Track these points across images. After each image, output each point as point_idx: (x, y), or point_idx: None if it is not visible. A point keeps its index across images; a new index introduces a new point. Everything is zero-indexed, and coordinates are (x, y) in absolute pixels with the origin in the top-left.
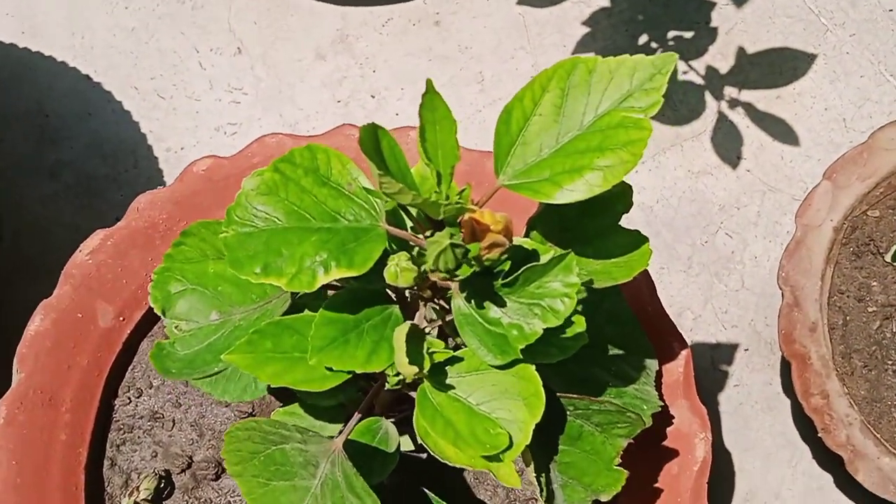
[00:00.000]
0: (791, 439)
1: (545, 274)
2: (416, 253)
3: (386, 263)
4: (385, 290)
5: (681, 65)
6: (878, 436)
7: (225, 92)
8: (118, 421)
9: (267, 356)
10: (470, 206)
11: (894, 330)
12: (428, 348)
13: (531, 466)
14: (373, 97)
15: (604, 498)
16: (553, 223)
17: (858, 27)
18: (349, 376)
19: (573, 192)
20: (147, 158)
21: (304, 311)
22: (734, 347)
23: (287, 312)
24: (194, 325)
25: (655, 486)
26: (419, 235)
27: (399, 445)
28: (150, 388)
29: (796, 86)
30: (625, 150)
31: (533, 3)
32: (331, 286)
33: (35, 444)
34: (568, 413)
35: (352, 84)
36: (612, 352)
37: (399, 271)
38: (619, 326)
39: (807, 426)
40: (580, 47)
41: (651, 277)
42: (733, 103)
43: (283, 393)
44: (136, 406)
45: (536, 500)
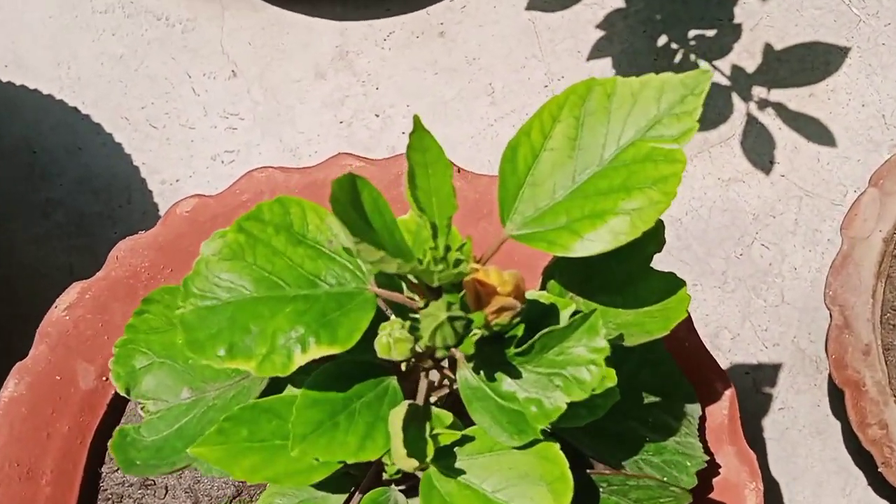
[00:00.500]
0: (843, 465)
1: (566, 338)
2: (412, 319)
3: (377, 332)
4: (379, 359)
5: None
6: None
7: (220, 118)
8: (105, 490)
9: (242, 447)
10: (472, 266)
11: None
12: (431, 430)
13: None
14: (377, 116)
15: None
16: (574, 270)
17: (894, 16)
18: (340, 466)
19: (595, 241)
20: (141, 192)
21: (288, 387)
22: (777, 367)
23: (268, 388)
24: (163, 404)
25: None
26: (416, 297)
27: None
28: None
29: (830, 82)
30: (655, 188)
31: (543, 8)
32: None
33: None
34: (601, 490)
35: (354, 103)
36: (648, 399)
37: (392, 343)
38: (654, 369)
39: (860, 451)
40: (596, 52)
41: None
42: (763, 104)
43: None
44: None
45: None
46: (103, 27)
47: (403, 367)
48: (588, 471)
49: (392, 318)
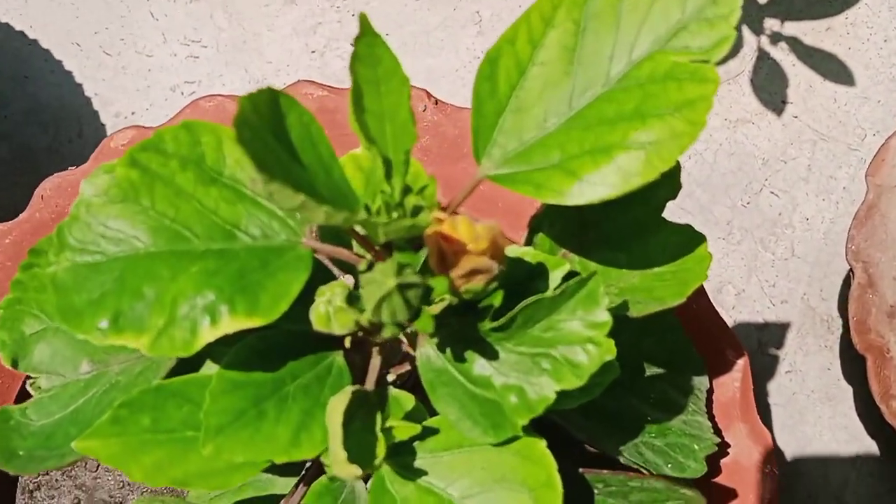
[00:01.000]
0: (855, 434)
1: (557, 309)
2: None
3: (313, 297)
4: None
5: None
6: None
7: (181, 45)
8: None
9: (143, 440)
10: (435, 216)
11: None
12: (384, 421)
13: None
14: (353, 45)
15: None
16: (568, 221)
17: None
18: (268, 465)
19: (597, 185)
20: (93, 126)
21: (206, 364)
22: (785, 327)
23: (180, 365)
24: (58, 380)
25: None
26: (367, 255)
27: None
28: None
29: (849, 14)
30: (678, 115)
31: None
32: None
33: None
34: (596, 492)
35: (328, 31)
36: (650, 371)
37: (332, 313)
38: (658, 336)
39: (873, 419)
40: None
41: None
42: (775, 38)
43: None
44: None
45: None
46: None
47: (348, 341)
48: (581, 470)
49: (341, 279)
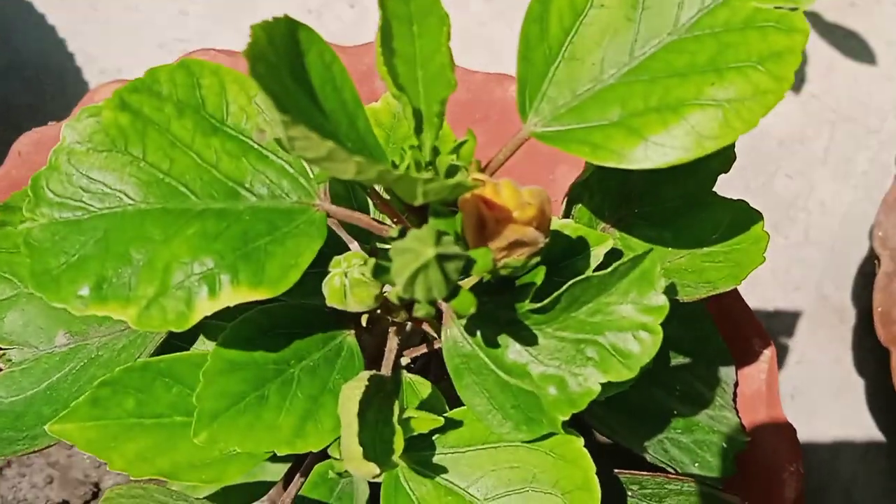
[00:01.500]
0: (866, 429)
1: (607, 290)
2: (381, 252)
3: (327, 268)
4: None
5: None
6: None
7: (170, 1)
8: None
9: (126, 425)
10: (475, 177)
11: None
12: (402, 411)
13: None
14: (352, 6)
15: None
16: (609, 190)
17: None
18: (267, 457)
19: (665, 147)
20: (77, 83)
21: (199, 339)
22: (796, 316)
23: (170, 340)
24: (30, 352)
25: None
26: (388, 222)
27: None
28: None
29: None
30: (762, 69)
31: None
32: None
33: None
34: (629, 495)
35: None
36: (675, 360)
37: (349, 287)
38: (684, 323)
39: (885, 413)
40: None
41: None
42: None
43: None
44: None
45: None
46: None
47: (365, 319)
48: (616, 471)
49: (352, 249)
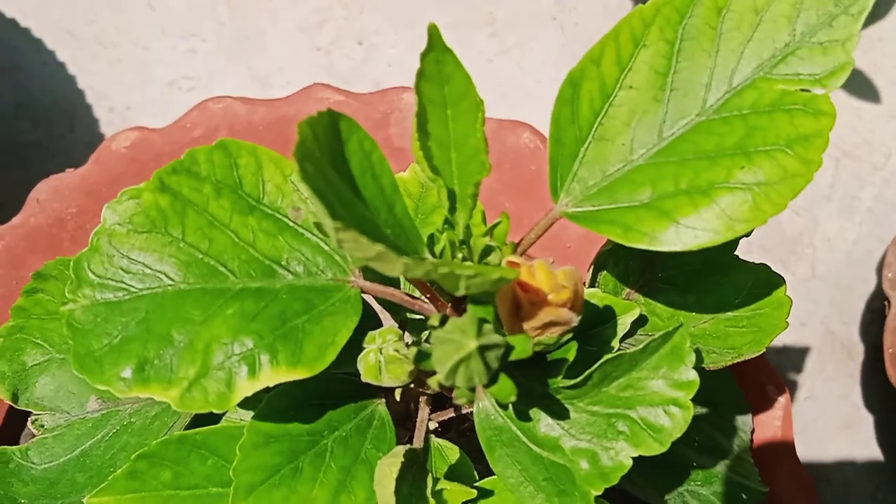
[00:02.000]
0: (875, 465)
1: (638, 365)
2: (411, 322)
3: (360, 340)
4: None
5: None
6: None
7: (180, 39)
8: None
9: (162, 497)
10: (510, 260)
11: None
12: (435, 483)
13: None
14: (360, 44)
15: None
16: (634, 255)
17: None
18: None
19: (696, 230)
20: (86, 121)
21: (234, 408)
22: (804, 351)
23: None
24: (62, 418)
25: None
26: (421, 297)
27: None
28: None
29: (878, 28)
30: (790, 152)
31: None
32: None
33: None
34: None
35: (335, 28)
36: (694, 411)
37: (384, 364)
38: (703, 372)
39: (894, 449)
40: None
41: None
42: None
43: None
44: None
45: None
46: None
47: (398, 393)
48: None
49: (385, 325)
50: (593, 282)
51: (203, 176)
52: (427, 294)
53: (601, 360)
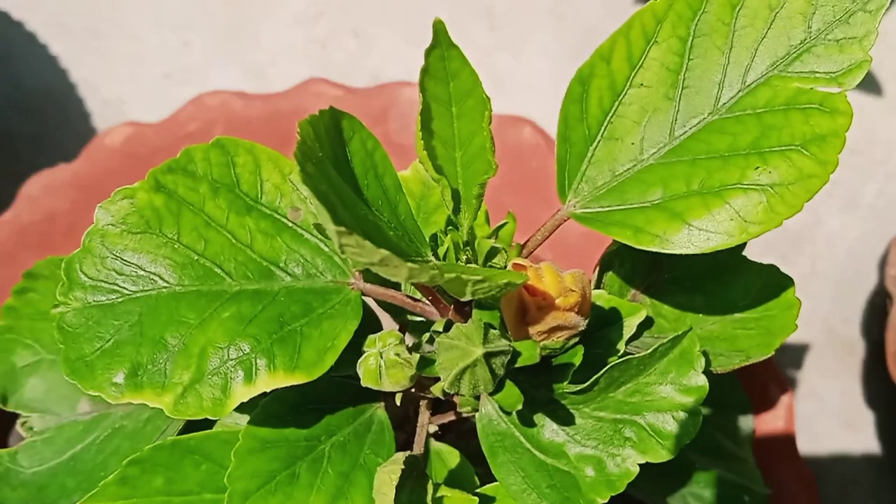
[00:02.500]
0: (875, 463)
1: (646, 370)
2: (411, 323)
3: (359, 344)
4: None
5: None
6: None
7: (173, 31)
8: None
9: (154, 503)
10: (516, 263)
11: None
12: (435, 490)
13: None
14: (356, 36)
15: None
16: (640, 256)
17: None
18: None
19: (708, 233)
20: (79, 113)
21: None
22: (803, 349)
23: None
24: (52, 420)
25: None
26: (422, 299)
27: None
28: None
29: (881, 22)
30: (805, 152)
31: None
32: None
33: None
34: None
35: (330, 20)
36: None
37: (384, 368)
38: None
39: (895, 447)
40: None
41: None
42: None
43: None
44: None
45: None
46: None
47: (399, 398)
48: None
49: (385, 326)
50: (599, 283)
51: (199, 175)
52: (429, 296)
53: (608, 365)
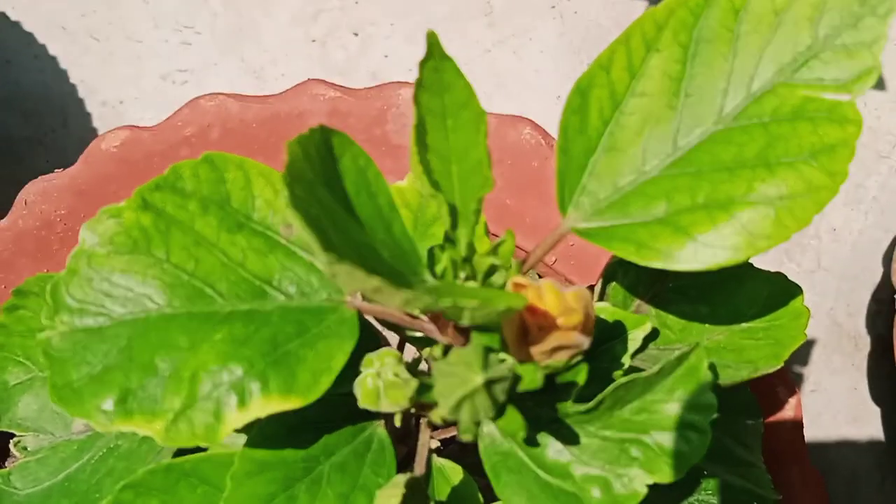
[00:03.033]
0: (882, 458)
1: (653, 388)
2: (411, 338)
3: (357, 362)
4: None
5: None
6: None
7: (173, 31)
8: None
9: None
10: (516, 282)
11: None
12: None
13: None
14: (356, 35)
15: None
16: (644, 268)
17: None
18: None
19: (714, 248)
20: (78, 115)
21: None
22: (810, 344)
23: None
24: (47, 440)
25: None
26: (420, 316)
27: None
28: None
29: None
30: (814, 163)
31: None
32: None
33: None
34: None
35: (330, 19)
36: None
37: (383, 389)
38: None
39: None
40: None
41: None
42: None
43: None
44: None
45: None
46: None
47: (398, 419)
48: None
49: (384, 347)
50: (602, 294)
51: (188, 192)
52: (428, 314)
53: (613, 379)
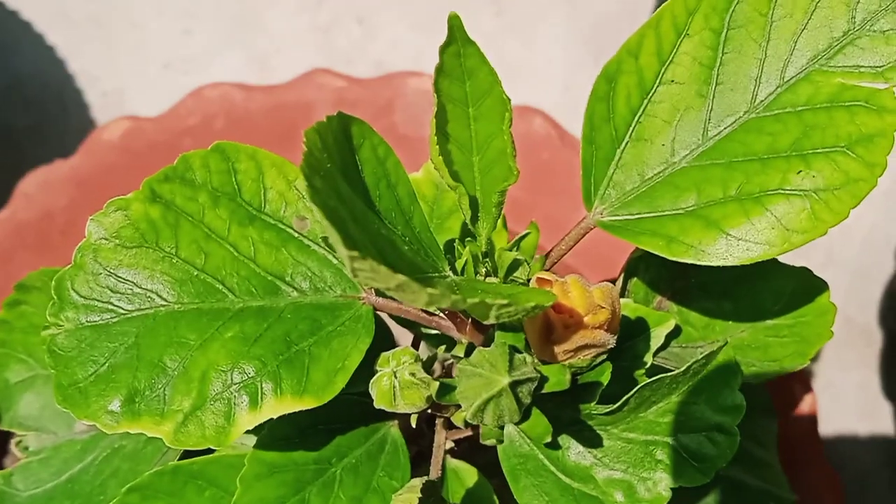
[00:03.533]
0: (893, 454)
1: (678, 389)
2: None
3: (373, 367)
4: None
5: None
6: None
7: (176, 18)
8: None
9: None
10: (540, 277)
11: None
12: None
13: None
14: (360, 23)
15: None
16: (666, 263)
17: None
18: None
19: (748, 242)
20: (78, 104)
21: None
22: None
23: None
24: (49, 439)
25: None
26: (439, 313)
27: None
28: None
29: None
30: (852, 154)
31: None
32: None
33: None
34: None
35: (334, 6)
36: None
37: (399, 389)
38: None
39: None
40: None
41: None
42: None
43: None
44: None
45: None
46: None
47: (414, 419)
48: None
49: (401, 346)
50: (623, 290)
51: (198, 183)
52: (445, 311)
53: (635, 378)
